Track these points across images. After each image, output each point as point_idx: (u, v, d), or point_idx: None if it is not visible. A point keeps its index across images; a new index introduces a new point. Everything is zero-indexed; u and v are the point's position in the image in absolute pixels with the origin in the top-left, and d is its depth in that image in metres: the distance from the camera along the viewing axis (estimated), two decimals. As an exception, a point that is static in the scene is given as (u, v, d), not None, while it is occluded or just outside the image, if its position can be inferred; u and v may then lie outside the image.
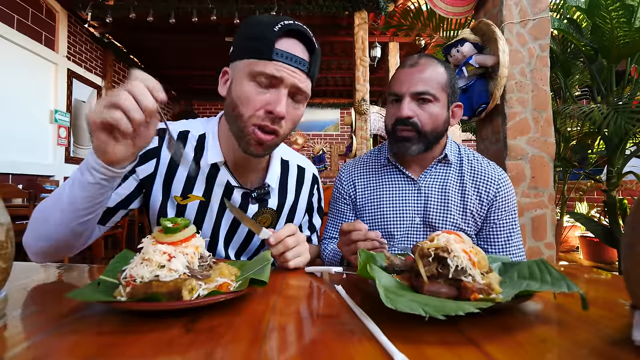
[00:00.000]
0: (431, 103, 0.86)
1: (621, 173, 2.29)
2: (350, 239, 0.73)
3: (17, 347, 0.34)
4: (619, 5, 1.80)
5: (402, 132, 0.88)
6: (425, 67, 0.87)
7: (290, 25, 0.64)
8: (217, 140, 0.77)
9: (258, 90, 0.65)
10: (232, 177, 0.77)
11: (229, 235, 0.82)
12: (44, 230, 0.63)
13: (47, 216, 0.62)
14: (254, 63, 0.64)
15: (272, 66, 0.63)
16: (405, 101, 0.86)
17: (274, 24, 0.64)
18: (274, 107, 0.64)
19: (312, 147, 7.75)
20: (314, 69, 0.69)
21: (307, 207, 0.93)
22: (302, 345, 0.35)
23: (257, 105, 0.65)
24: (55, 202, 0.61)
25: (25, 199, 2.60)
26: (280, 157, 0.86)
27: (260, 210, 0.81)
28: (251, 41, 0.65)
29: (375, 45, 4.94)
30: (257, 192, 0.79)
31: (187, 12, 3.98)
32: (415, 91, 0.86)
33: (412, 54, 0.94)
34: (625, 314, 0.43)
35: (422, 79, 0.86)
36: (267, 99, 0.65)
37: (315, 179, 0.95)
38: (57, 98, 4.14)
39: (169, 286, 0.43)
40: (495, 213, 0.91)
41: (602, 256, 3.38)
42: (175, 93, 7.44)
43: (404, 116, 0.86)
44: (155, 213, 0.77)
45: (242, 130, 0.67)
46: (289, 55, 0.64)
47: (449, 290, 0.45)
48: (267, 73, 0.63)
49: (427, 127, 0.87)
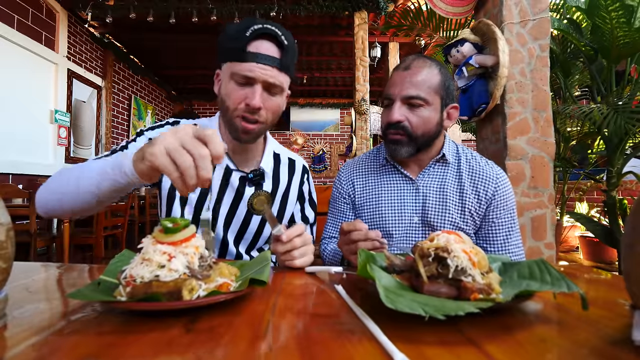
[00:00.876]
0: (422, 107, 0.86)
1: (621, 173, 2.29)
2: (350, 238, 0.73)
3: (17, 347, 0.34)
4: (619, 6, 1.81)
5: (392, 135, 0.89)
6: (418, 70, 0.87)
7: (260, 29, 0.75)
8: (218, 131, 0.88)
9: (237, 88, 0.77)
10: (231, 162, 0.87)
11: (229, 217, 0.88)
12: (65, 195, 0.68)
13: (67, 190, 0.68)
14: (232, 65, 0.76)
15: (245, 67, 0.75)
16: (396, 105, 0.87)
17: (245, 29, 0.74)
18: (249, 101, 0.76)
19: (312, 147, 7.75)
20: (286, 61, 0.78)
21: (298, 194, 0.99)
22: (302, 345, 0.35)
23: (237, 100, 0.77)
24: (79, 180, 0.67)
25: (25, 199, 2.60)
26: (272, 150, 0.96)
27: (256, 192, 0.88)
28: (229, 46, 0.76)
29: (375, 45, 4.94)
30: (253, 173, 0.88)
31: (187, 12, 3.98)
32: (406, 95, 0.86)
33: (409, 55, 0.95)
34: (625, 314, 0.43)
35: (414, 83, 0.86)
36: (245, 94, 0.77)
37: (305, 169, 1.02)
38: (57, 98, 4.15)
39: (169, 286, 0.43)
40: (493, 212, 0.91)
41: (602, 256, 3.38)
42: (175, 93, 7.44)
43: (394, 121, 0.87)
44: (166, 189, 0.87)
45: (231, 121, 0.80)
46: (259, 55, 0.75)
47: (449, 290, 0.45)
48: (241, 74, 0.75)
49: (417, 131, 0.87)
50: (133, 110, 5.86)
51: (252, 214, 0.89)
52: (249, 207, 0.87)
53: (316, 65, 6.19)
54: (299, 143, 7.65)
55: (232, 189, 0.87)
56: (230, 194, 0.87)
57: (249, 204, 0.87)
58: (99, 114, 5.02)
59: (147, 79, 6.38)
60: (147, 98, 6.45)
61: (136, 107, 5.98)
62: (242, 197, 0.87)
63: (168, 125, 0.87)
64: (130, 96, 5.86)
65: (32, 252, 2.49)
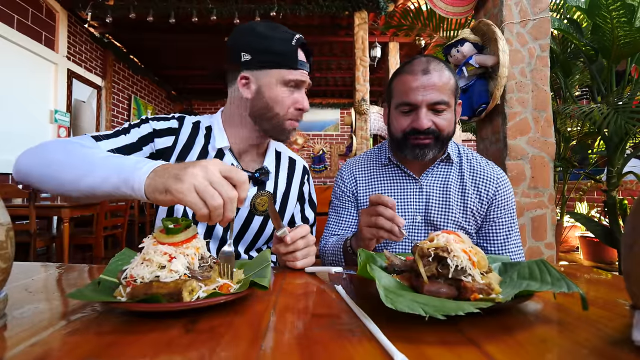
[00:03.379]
0: (445, 110, 0.86)
1: (621, 173, 2.29)
2: (377, 210, 0.70)
3: (17, 347, 0.34)
4: (620, 5, 1.80)
5: (422, 140, 0.86)
6: (437, 74, 0.85)
7: (301, 39, 0.82)
8: (223, 130, 0.88)
9: (288, 93, 0.82)
10: (236, 161, 0.88)
11: None
12: (51, 178, 0.61)
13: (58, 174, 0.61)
14: (285, 72, 0.80)
15: (298, 73, 0.81)
16: (422, 112, 0.84)
17: (290, 39, 0.80)
18: (301, 104, 0.83)
19: (312, 147, 7.75)
20: (310, 65, 0.88)
21: (298, 195, 0.99)
22: (302, 345, 0.35)
23: (289, 104, 0.82)
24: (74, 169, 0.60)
25: (25, 199, 2.60)
26: (274, 149, 0.97)
27: (258, 192, 0.89)
28: (275, 55, 0.80)
29: (375, 45, 4.94)
30: (258, 172, 0.89)
31: (187, 12, 3.97)
32: (432, 101, 0.84)
33: (412, 54, 0.95)
34: (625, 314, 0.43)
35: (437, 88, 0.84)
36: (295, 99, 0.83)
37: (305, 170, 1.03)
38: (57, 98, 4.14)
39: (170, 287, 0.43)
40: (494, 212, 0.92)
41: (602, 256, 3.37)
42: (175, 93, 7.44)
43: (424, 128, 0.84)
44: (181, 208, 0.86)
45: (280, 124, 0.84)
46: (304, 62, 0.83)
47: (449, 290, 0.45)
48: (297, 79, 0.82)
49: (444, 133, 0.87)
50: (133, 110, 5.86)
51: (254, 214, 0.88)
52: (251, 208, 0.87)
53: (316, 65, 6.18)
54: (299, 143, 7.65)
55: None
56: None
57: (252, 204, 0.87)
58: (98, 114, 5.02)
59: (147, 79, 6.38)
60: (147, 98, 6.45)
61: (136, 107, 5.97)
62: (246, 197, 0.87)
63: (174, 119, 0.86)
64: (130, 96, 5.86)
65: (32, 252, 2.49)
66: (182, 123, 0.87)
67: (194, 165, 0.49)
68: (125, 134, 0.79)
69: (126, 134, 0.79)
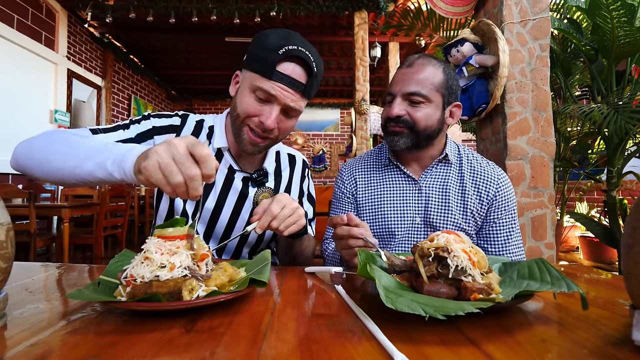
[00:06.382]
0: (423, 104, 0.87)
1: (621, 173, 2.29)
2: (343, 234, 0.69)
3: (17, 347, 0.34)
4: (620, 5, 1.80)
5: (392, 127, 0.90)
6: (420, 68, 0.88)
7: (293, 51, 0.73)
8: (224, 131, 0.87)
9: (255, 103, 0.75)
10: (235, 162, 0.87)
11: (232, 218, 0.88)
12: (47, 166, 0.64)
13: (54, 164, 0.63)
14: (257, 78, 0.74)
15: (269, 84, 0.73)
16: (397, 101, 0.89)
17: (279, 47, 0.72)
18: (264, 120, 0.75)
19: (312, 147, 7.75)
20: (309, 90, 0.78)
21: (299, 191, 0.99)
22: (302, 345, 0.35)
23: (252, 113, 0.76)
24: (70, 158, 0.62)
25: (25, 199, 2.60)
26: (274, 150, 0.95)
27: (260, 190, 0.90)
28: (258, 57, 0.74)
29: (375, 45, 4.94)
30: (257, 173, 0.88)
31: (187, 12, 3.98)
32: (407, 92, 0.87)
33: (412, 54, 0.95)
34: (625, 314, 0.43)
35: (415, 80, 0.87)
36: (261, 111, 0.76)
37: (305, 164, 1.04)
38: (57, 98, 4.14)
39: (169, 286, 0.43)
40: (495, 212, 0.92)
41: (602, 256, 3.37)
42: (175, 93, 7.43)
43: (394, 115, 0.88)
44: None
45: (239, 129, 0.79)
46: (286, 77, 0.73)
47: (449, 290, 0.45)
48: (264, 89, 0.73)
49: (419, 125, 0.88)
50: (133, 110, 5.86)
51: None
52: (254, 206, 0.87)
53: (316, 65, 6.17)
54: (299, 143, 7.65)
55: (236, 191, 0.86)
56: (233, 196, 0.86)
57: (255, 202, 0.87)
58: (98, 113, 5.02)
59: (147, 78, 6.38)
60: (146, 98, 6.45)
61: (136, 107, 5.98)
62: (246, 198, 0.87)
63: (176, 117, 0.86)
64: (130, 96, 5.86)
65: (32, 252, 2.49)
66: (184, 121, 0.87)
67: (163, 142, 0.51)
68: (124, 129, 0.79)
69: (125, 129, 0.79)
